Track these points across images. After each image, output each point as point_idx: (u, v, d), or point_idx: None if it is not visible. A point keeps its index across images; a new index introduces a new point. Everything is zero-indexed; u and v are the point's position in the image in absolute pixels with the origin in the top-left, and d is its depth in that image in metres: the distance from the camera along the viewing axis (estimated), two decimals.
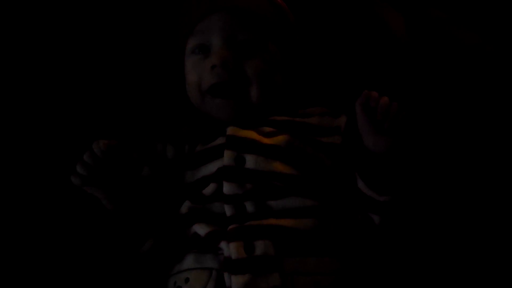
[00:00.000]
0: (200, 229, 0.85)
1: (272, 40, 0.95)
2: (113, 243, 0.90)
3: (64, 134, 1.03)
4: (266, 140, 0.88)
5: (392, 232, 0.89)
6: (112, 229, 0.88)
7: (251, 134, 0.89)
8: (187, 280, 0.83)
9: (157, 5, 1.08)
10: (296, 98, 1.00)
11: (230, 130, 0.89)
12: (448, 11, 1.06)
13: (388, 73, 1.05)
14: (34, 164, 1.01)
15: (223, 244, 0.82)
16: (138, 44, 1.10)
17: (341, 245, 0.86)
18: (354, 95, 1.01)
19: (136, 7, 1.11)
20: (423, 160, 0.94)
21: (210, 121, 0.94)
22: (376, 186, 0.84)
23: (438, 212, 0.95)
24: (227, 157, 0.87)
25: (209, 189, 0.87)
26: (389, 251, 0.91)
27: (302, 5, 1.07)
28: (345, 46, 1.08)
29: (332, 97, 1.04)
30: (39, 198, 0.99)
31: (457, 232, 0.95)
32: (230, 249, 0.81)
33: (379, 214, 0.86)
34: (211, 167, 0.88)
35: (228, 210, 0.85)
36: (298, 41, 1.01)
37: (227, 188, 0.85)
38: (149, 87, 1.09)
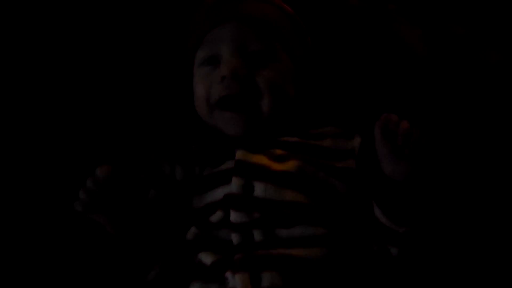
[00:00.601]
0: (206, 258, 0.82)
1: (285, 50, 0.92)
2: (119, 271, 0.88)
3: (70, 142, 1.02)
4: (277, 166, 0.85)
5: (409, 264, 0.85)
6: (117, 256, 0.86)
7: (261, 159, 0.86)
8: None
9: (164, 16, 1.06)
10: (308, 113, 0.97)
11: (239, 155, 0.86)
12: (468, 27, 1.02)
13: (404, 89, 1.01)
14: (32, 171, 1.00)
15: (228, 275, 0.80)
16: (149, 54, 1.07)
17: (353, 277, 0.82)
18: (368, 112, 0.98)
19: (144, 17, 1.08)
20: (445, 187, 0.91)
21: (220, 137, 0.91)
22: (395, 216, 0.81)
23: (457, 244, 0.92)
24: (235, 185, 0.84)
25: (216, 216, 0.84)
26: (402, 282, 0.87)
27: (315, 16, 1.04)
28: (359, 60, 1.04)
29: (345, 113, 1.01)
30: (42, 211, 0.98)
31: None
32: (235, 280, 0.79)
33: (397, 246, 0.83)
34: (219, 193, 0.85)
35: (235, 238, 0.82)
36: (311, 52, 0.98)
37: (234, 216, 0.83)
38: (158, 103, 1.06)
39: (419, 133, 0.77)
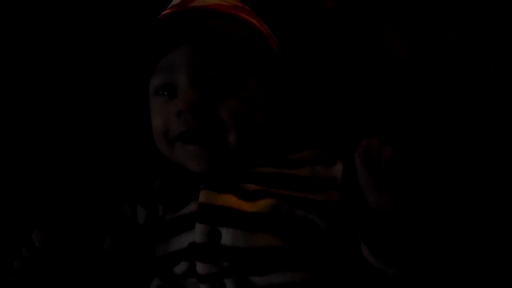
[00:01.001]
0: None
1: (252, 74, 0.80)
2: None
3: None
4: (246, 207, 0.76)
5: None
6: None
7: (228, 200, 0.77)
8: None
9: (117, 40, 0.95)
10: (283, 137, 0.86)
11: (202, 196, 0.77)
12: (463, 33, 0.91)
13: (388, 101, 0.92)
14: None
15: None
16: (103, 77, 0.97)
17: None
18: (351, 131, 0.91)
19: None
20: (436, 215, 0.82)
21: (183, 172, 0.82)
22: (384, 255, 0.73)
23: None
24: (199, 232, 0.75)
25: (181, 267, 0.76)
26: None
27: (288, 24, 0.93)
28: (339, 71, 0.94)
29: (325, 133, 0.91)
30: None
31: None
32: None
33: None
34: (182, 241, 0.77)
35: None
36: (284, 72, 0.87)
37: (200, 268, 0.74)
38: (115, 132, 0.96)
39: (405, 160, 0.69)
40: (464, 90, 0.89)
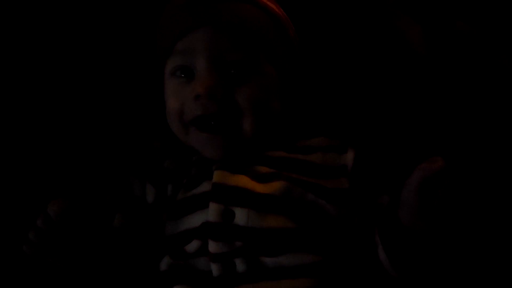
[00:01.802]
0: None
1: (269, 60, 0.81)
2: None
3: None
4: (260, 188, 0.77)
5: None
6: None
7: (242, 181, 0.77)
8: None
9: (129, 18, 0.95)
10: (295, 123, 0.88)
11: (216, 176, 0.78)
12: (477, 25, 0.92)
13: (403, 92, 0.92)
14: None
15: None
16: (115, 58, 0.97)
17: None
18: (363, 119, 0.92)
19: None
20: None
21: (195, 154, 0.82)
22: (402, 268, 0.73)
23: None
24: (212, 212, 0.75)
25: (193, 246, 0.77)
26: None
27: (304, 15, 0.94)
28: (353, 60, 0.95)
29: (338, 120, 0.93)
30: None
31: None
32: None
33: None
34: (195, 220, 0.77)
35: (215, 269, 0.75)
36: (300, 59, 0.87)
37: (213, 246, 0.75)
38: (126, 113, 0.96)
39: (455, 189, 0.68)
40: (478, 86, 0.89)
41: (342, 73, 0.94)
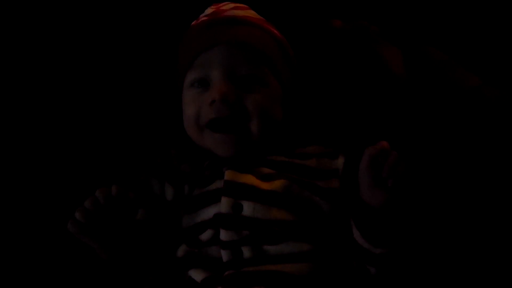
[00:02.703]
0: (196, 275, 0.85)
1: (273, 74, 0.94)
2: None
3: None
4: (264, 186, 0.87)
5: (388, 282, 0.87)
6: (109, 277, 0.86)
7: (250, 179, 0.88)
8: None
9: (154, 38, 1.07)
10: (294, 133, 0.99)
11: (228, 175, 0.88)
12: (447, 51, 1.04)
13: (385, 109, 1.04)
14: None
15: None
16: (139, 71, 1.09)
17: None
18: (352, 130, 1.03)
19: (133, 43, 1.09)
20: (419, 212, 0.92)
21: (209, 157, 0.92)
22: (372, 238, 0.83)
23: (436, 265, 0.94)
24: (224, 204, 0.86)
25: (206, 235, 0.86)
26: None
27: (301, 39, 1.06)
28: (343, 81, 1.06)
29: (330, 132, 1.04)
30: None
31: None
32: None
33: (374, 266, 0.85)
34: (208, 212, 0.87)
35: (224, 255, 0.84)
36: (298, 75, 1.00)
37: (224, 235, 0.84)
38: (148, 122, 1.07)
39: (405, 166, 0.79)
40: (449, 105, 1.00)
41: (333, 89, 1.06)
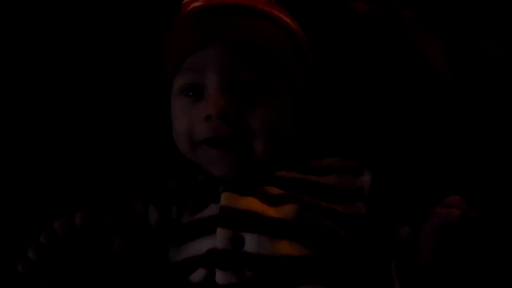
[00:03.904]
0: None
1: (284, 80, 0.77)
2: None
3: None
4: (271, 212, 0.72)
5: None
6: None
7: (252, 204, 0.73)
8: None
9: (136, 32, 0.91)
10: (309, 143, 0.84)
11: (224, 199, 0.73)
12: (504, 44, 0.87)
13: (423, 115, 0.88)
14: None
15: None
16: (120, 73, 0.93)
17: None
18: (380, 139, 0.88)
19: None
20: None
21: (202, 173, 0.78)
22: None
23: None
24: (221, 238, 0.71)
25: (198, 275, 0.72)
26: None
27: (318, 27, 0.90)
28: (370, 79, 0.90)
29: (353, 141, 0.88)
30: None
31: None
32: None
33: None
34: (201, 246, 0.73)
35: None
36: (314, 76, 0.84)
37: (220, 277, 0.70)
38: (131, 128, 0.92)
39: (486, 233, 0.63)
40: (503, 107, 0.85)
41: (357, 90, 0.90)
